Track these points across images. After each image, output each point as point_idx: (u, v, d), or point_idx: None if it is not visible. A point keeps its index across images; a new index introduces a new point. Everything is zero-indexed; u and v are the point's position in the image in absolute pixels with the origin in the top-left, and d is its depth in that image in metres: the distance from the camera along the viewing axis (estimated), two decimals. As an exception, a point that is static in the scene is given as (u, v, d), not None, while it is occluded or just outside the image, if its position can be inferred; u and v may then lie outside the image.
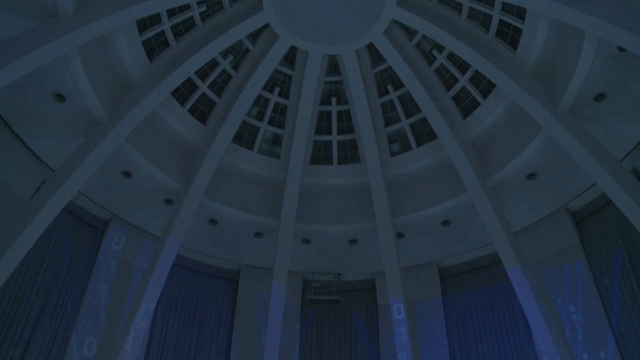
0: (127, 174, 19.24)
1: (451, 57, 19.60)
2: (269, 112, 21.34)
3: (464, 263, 22.29)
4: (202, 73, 19.93)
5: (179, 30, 18.72)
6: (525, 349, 19.24)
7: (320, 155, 22.30)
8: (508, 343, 19.77)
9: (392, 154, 21.60)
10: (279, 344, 20.38)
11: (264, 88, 20.91)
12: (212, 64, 19.92)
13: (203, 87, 20.04)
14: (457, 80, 19.80)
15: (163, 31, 18.31)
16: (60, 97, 16.62)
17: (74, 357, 18.08)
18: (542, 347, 17.76)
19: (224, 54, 19.93)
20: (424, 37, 19.46)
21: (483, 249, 21.67)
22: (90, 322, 18.88)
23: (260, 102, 21.29)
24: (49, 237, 18.31)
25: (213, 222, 21.42)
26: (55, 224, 18.05)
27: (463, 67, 19.58)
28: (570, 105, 16.60)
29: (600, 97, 16.42)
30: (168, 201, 20.39)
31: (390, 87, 20.83)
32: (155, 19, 18.01)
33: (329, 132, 21.99)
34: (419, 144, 21.36)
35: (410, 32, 19.59)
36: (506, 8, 17.45)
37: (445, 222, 21.15)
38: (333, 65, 20.81)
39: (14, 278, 16.67)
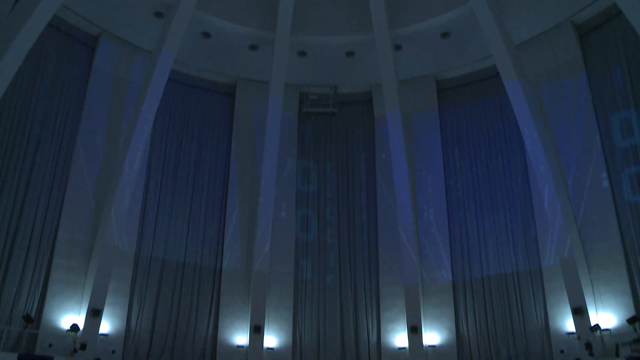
0: (112, -16, 18.22)
1: None
2: None
3: (462, 76, 22.12)
4: None
5: None
6: (518, 163, 19.87)
7: (317, -37, 20.93)
8: (501, 157, 20.35)
9: (392, -40, 20.25)
10: (276, 156, 20.99)
11: None
12: None
13: None
14: None
15: None
16: None
17: (78, 176, 18.70)
18: (534, 162, 18.35)
19: None
20: None
21: (482, 62, 21.37)
22: (90, 141, 19.22)
23: None
24: (38, 57, 17.94)
25: (206, 35, 20.75)
26: (43, 41, 17.53)
27: None
28: None
29: None
30: (158, 14, 19.54)
31: None
32: None
33: None
34: (420, -51, 19.94)
35: None
36: None
37: (445, 34, 20.52)
38: None
39: (7, 102, 16.68)
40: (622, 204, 17.26)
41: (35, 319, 16.70)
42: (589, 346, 16.08)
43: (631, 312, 16.16)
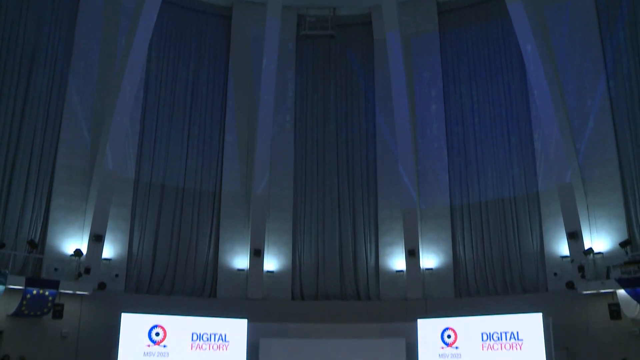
0: None
1: None
2: None
3: (464, -3, 21.48)
4: None
5: None
6: (518, 88, 19.61)
7: None
8: (502, 81, 20.02)
9: None
10: (274, 80, 20.68)
11: None
12: None
13: None
14: None
15: None
16: None
17: (74, 102, 18.48)
18: (535, 85, 18.15)
19: None
20: None
21: (484, -17, 20.68)
22: (84, 65, 18.88)
23: None
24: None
25: (200, -46, 20.00)
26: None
27: None
28: None
29: None
30: None
31: None
32: None
33: None
34: None
35: None
36: None
37: (447, -47, 19.80)
38: None
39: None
40: (622, 130, 17.25)
41: (39, 245, 17.02)
42: (581, 269, 16.50)
43: (624, 236, 16.51)
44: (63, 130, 18.20)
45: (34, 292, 15.61)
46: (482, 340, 16.25)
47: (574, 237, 17.14)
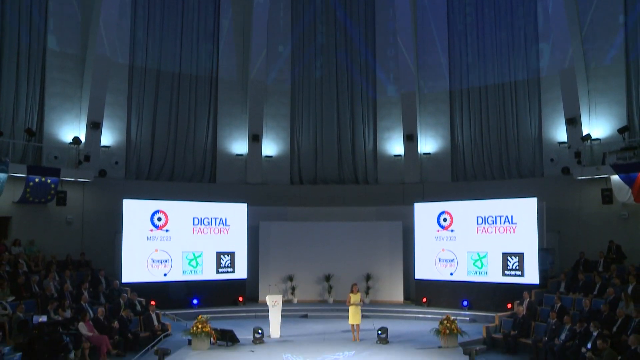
0: None
1: None
2: None
3: None
4: None
5: None
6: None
7: None
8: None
9: None
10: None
11: None
12: None
13: None
14: None
15: None
16: None
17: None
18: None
19: None
20: None
21: None
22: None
23: None
24: None
25: None
26: None
27: None
28: None
29: None
30: None
31: None
32: None
33: None
34: None
35: None
36: None
37: None
38: None
39: None
40: (632, 11, 16.65)
41: (37, 133, 16.94)
42: (578, 155, 16.64)
43: (623, 123, 16.50)
44: (51, 14, 17.48)
45: (36, 179, 15.77)
46: (477, 223, 16.72)
47: (573, 123, 17.13)
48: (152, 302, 14.21)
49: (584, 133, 16.90)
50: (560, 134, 17.79)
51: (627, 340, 10.01)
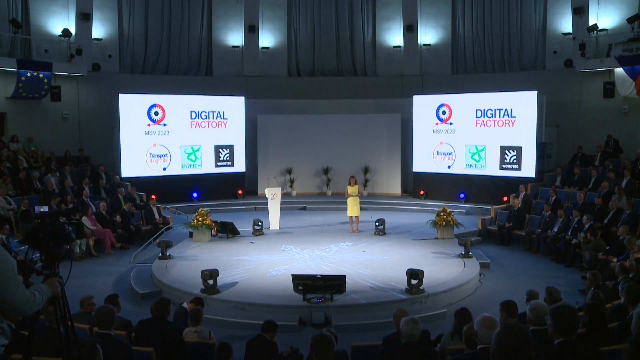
0: None
1: None
2: None
3: None
4: None
5: None
6: None
7: None
8: None
9: None
10: None
11: None
12: None
13: None
14: None
15: None
16: None
17: None
18: None
19: None
20: None
21: None
22: None
23: None
24: None
25: None
26: None
27: None
28: None
29: None
30: None
31: None
32: None
33: None
34: None
35: None
36: None
37: None
38: None
39: None
40: None
41: (23, 24, 16.32)
42: (582, 47, 16.21)
43: (634, 12, 15.89)
44: None
45: (28, 74, 15.46)
46: (477, 116, 16.60)
47: (580, 12, 16.54)
48: (153, 196, 14.43)
49: (591, 23, 16.35)
50: (565, 24, 17.24)
51: (617, 231, 10.34)
